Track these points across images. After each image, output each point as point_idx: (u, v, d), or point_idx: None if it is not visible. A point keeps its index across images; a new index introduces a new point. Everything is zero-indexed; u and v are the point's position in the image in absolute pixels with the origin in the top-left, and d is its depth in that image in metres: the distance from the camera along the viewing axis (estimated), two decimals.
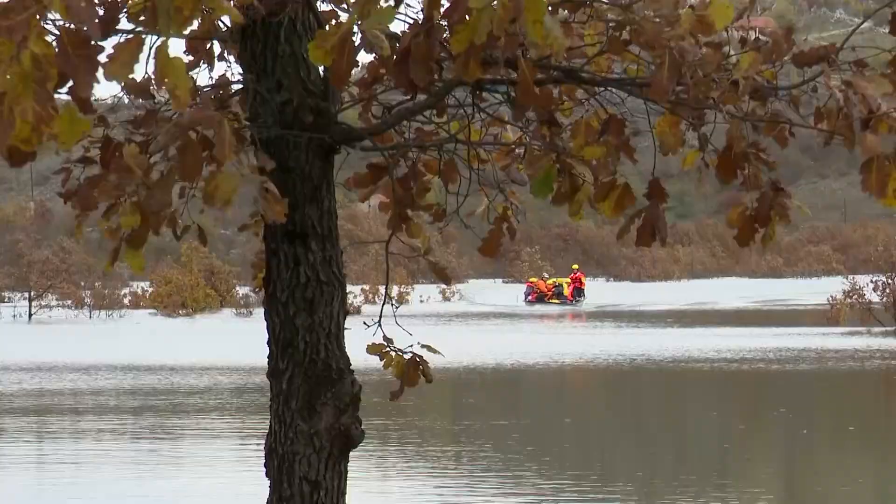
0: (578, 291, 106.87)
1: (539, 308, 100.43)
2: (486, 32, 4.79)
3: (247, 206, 6.88)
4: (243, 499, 22.76)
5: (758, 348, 63.53)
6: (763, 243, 5.87)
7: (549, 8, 5.45)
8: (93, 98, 4.25)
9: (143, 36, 4.23)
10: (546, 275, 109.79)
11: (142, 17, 4.55)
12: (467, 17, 4.83)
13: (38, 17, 3.65)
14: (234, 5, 5.74)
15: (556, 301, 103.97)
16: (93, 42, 3.82)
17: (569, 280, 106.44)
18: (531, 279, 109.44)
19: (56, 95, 3.85)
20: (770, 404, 42.12)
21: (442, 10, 5.11)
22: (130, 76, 4.54)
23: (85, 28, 3.77)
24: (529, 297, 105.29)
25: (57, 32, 3.74)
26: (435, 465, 29.92)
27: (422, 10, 5.31)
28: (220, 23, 6.03)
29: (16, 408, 41.99)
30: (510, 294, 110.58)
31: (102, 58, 3.99)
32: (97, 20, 4.03)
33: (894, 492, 27.29)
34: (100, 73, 3.96)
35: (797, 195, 5.90)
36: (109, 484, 27.66)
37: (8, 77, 3.65)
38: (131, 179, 5.44)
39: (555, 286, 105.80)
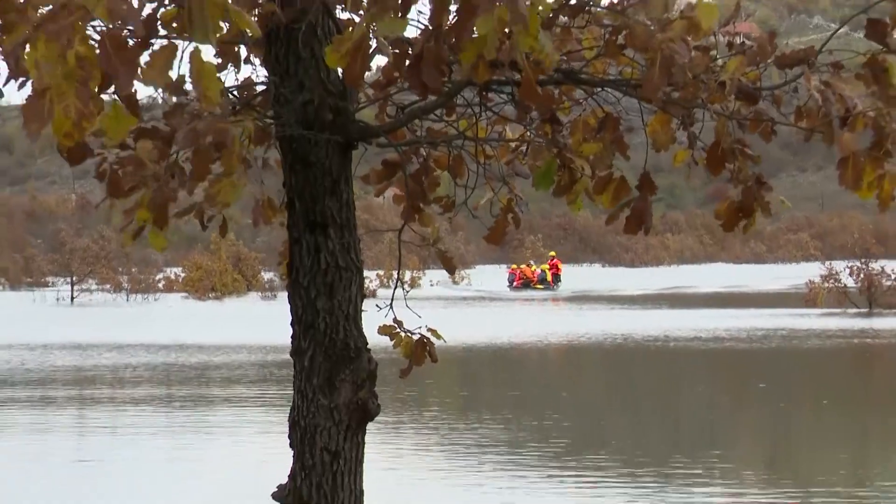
0: (556, 277, 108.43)
1: (531, 292, 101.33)
2: (494, 49, 4.81)
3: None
4: (267, 465, 22.78)
5: (740, 328, 63.56)
6: (744, 230, 5.90)
7: (551, 14, 5.45)
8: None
9: (176, 43, 4.21)
10: (532, 262, 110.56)
11: (174, 24, 4.54)
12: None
13: (81, 21, 3.63)
14: (261, 12, 5.74)
15: (541, 286, 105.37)
16: (132, 44, 3.80)
17: (547, 266, 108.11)
18: (514, 266, 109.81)
19: (104, 96, 3.85)
20: (751, 380, 42.15)
21: (450, 18, 5.10)
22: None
23: (126, 31, 3.75)
24: (515, 283, 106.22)
25: (98, 37, 3.72)
26: (444, 434, 29.98)
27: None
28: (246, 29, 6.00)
29: (59, 382, 42.11)
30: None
31: (143, 57, 3.99)
32: (140, 23, 4.03)
33: (866, 458, 27.29)
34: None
35: (778, 188, 5.90)
36: (145, 450, 27.75)
37: (53, 74, 3.63)
38: (143, 171, 5.46)
39: (539, 273, 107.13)
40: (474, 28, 4.79)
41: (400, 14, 5.24)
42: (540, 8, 5.02)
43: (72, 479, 24.85)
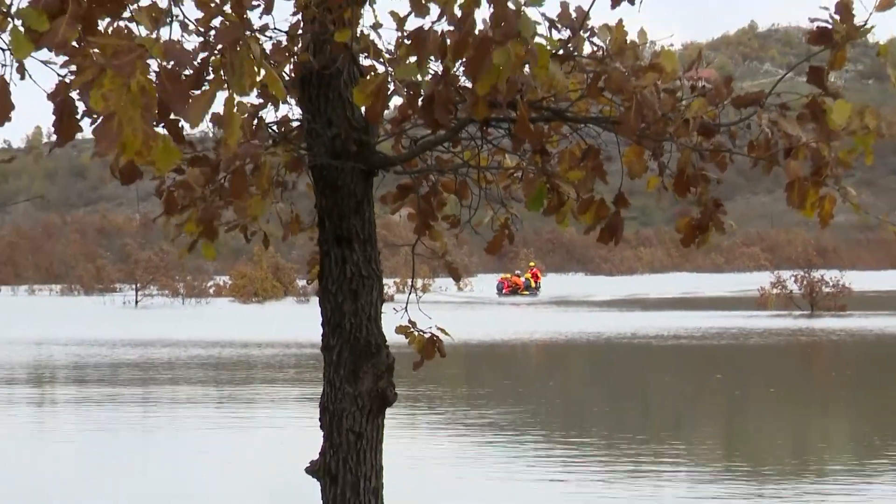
0: (537, 284, 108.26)
1: (516, 298, 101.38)
2: (505, 79, 4.82)
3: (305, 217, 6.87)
4: (300, 442, 22.75)
5: (699, 327, 63.48)
6: (698, 246, 5.89)
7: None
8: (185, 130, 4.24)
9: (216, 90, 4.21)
10: (519, 272, 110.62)
11: (210, 76, 4.55)
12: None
13: (141, 58, 3.63)
14: (297, 61, 5.75)
15: (527, 293, 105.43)
16: (185, 78, 3.80)
17: (529, 275, 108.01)
18: (503, 276, 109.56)
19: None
20: (710, 371, 42.09)
21: (460, 61, 5.10)
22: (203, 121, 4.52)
23: (178, 67, 3.76)
24: (504, 290, 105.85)
25: (157, 70, 3.73)
26: (451, 416, 29.95)
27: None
28: (283, 74, 6.01)
29: (125, 371, 42.10)
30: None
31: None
32: (192, 64, 4.03)
33: (806, 438, 27.24)
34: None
35: (734, 208, 5.91)
36: (197, 427, 27.74)
37: (119, 101, 3.63)
38: (192, 194, 5.50)
39: (525, 281, 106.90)
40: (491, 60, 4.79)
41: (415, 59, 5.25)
42: (547, 45, 5.04)
43: (137, 447, 24.87)
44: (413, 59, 5.09)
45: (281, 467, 21.58)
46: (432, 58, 5.13)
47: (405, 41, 5.26)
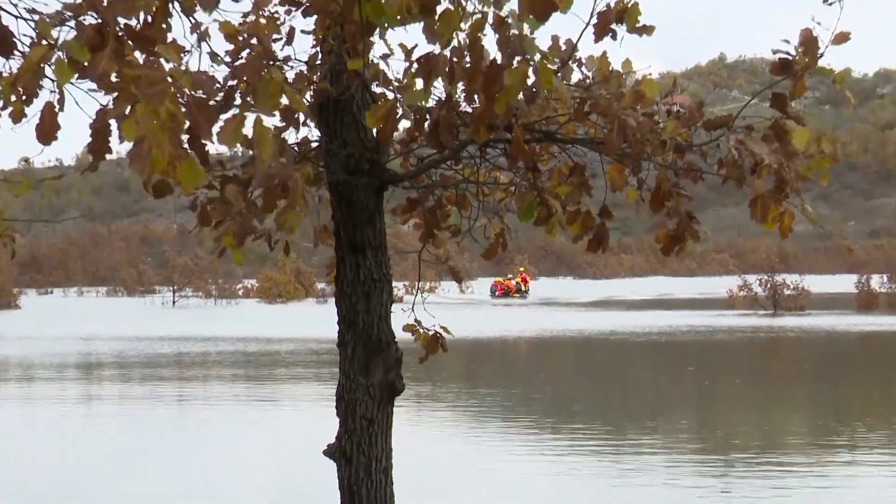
0: (526, 288, 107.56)
1: (508, 300, 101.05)
2: (516, 96, 4.83)
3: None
4: (318, 429, 22.77)
5: (673, 324, 63.46)
6: (677, 254, 5.86)
7: (533, 88, 5.46)
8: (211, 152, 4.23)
9: (245, 113, 4.20)
10: (510, 276, 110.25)
11: (238, 101, 4.54)
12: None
13: (171, 88, 3.62)
14: (316, 88, 5.73)
15: (517, 295, 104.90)
16: (212, 105, 3.79)
17: (519, 279, 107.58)
18: (496, 280, 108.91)
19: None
20: (682, 364, 42.08)
21: (461, 87, 5.09)
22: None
23: (206, 95, 3.74)
24: (497, 293, 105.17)
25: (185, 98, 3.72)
26: (452, 403, 29.95)
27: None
28: (304, 100, 5.99)
29: (163, 364, 42.10)
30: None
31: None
32: (216, 91, 4.02)
33: (767, 421, 27.20)
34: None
35: (705, 220, 5.88)
36: (227, 413, 27.76)
37: (149, 126, 3.62)
38: (231, 208, 5.48)
39: (515, 284, 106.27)
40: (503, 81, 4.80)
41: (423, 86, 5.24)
42: (548, 64, 5.05)
43: (173, 436, 24.86)
44: (420, 85, 5.08)
45: (301, 449, 21.57)
46: (437, 84, 5.12)
47: (413, 67, 5.25)
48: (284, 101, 4.19)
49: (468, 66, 4.91)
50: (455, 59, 4.93)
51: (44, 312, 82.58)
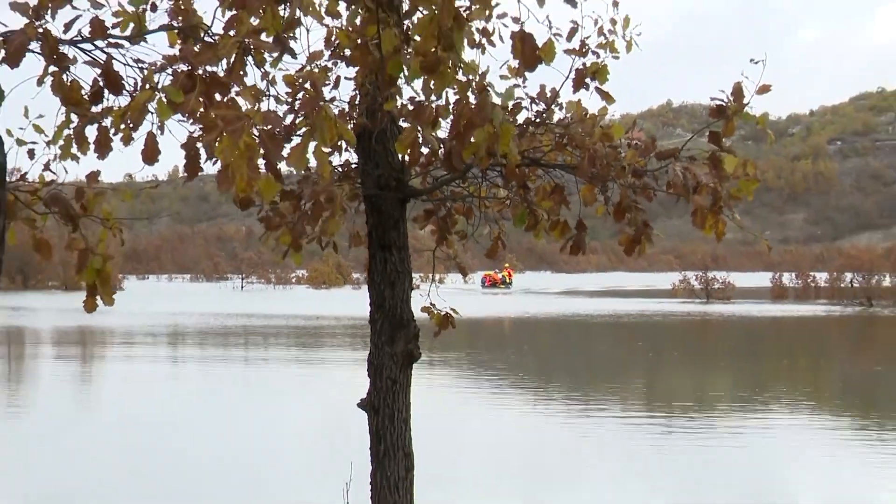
0: (510, 280, 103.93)
1: (496, 290, 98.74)
2: (483, 149, 4.79)
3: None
4: (353, 385, 22.76)
5: (627, 309, 63.38)
6: (638, 255, 5.85)
7: (525, 125, 5.45)
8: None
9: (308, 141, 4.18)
10: (497, 270, 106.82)
11: (302, 131, 4.54)
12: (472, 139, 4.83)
13: (248, 125, 3.63)
14: (356, 122, 5.72)
15: (503, 286, 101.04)
16: (278, 138, 3.79)
17: (504, 273, 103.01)
18: (486, 273, 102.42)
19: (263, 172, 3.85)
20: (633, 340, 42.02)
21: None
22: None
23: (274, 129, 3.75)
24: (486, 284, 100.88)
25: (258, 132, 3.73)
26: (456, 368, 29.95)
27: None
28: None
29: (233, 335, 42.14)
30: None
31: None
32: (282, 126, 4.03)
33: (701, 387, 27.16)
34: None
35: (657, 228, 5.84)
36: (281, 374, 27.83)
37: (231, 156, 3.64)
38: (284, 219, 5.50)
39: (501, 277, 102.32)
40: (472, 137, 4.78)
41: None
42: (510, 120, 5.03)
43: (240, 389, 24.90)
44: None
45: (339, 402, 21.57)
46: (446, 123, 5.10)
47: (409, 108, 5.25)
48: None
49: (453, 115, 4.89)
50: (451, 107, 4.92)
51: (142, 293, 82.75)
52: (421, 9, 4.31)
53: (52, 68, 3.82)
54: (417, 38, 4.32)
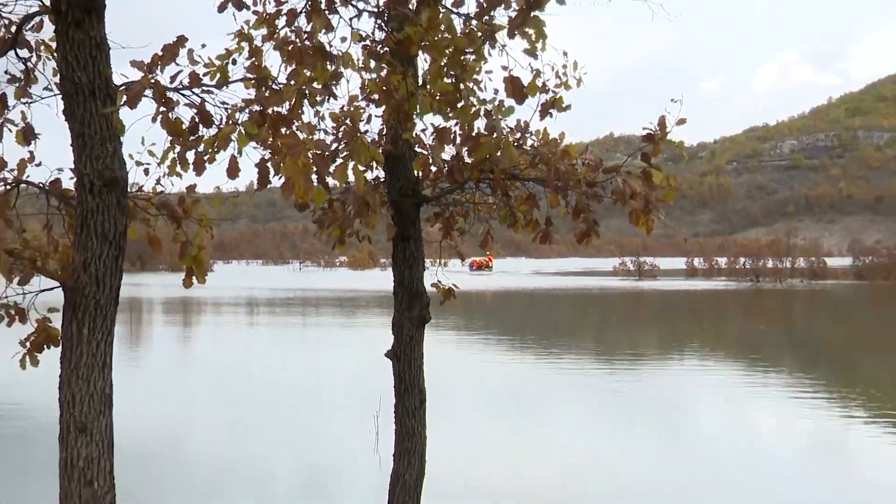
0: (491, 265, 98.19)
1: (481, 273, 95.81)
2: (487, 154, 4.77)
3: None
4: (381, 339, 22.73)
5: (580, 285, 63.18)
6: (587, 243, 5.81)
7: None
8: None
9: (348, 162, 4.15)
10: (481, 257, 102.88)
11: (344, 153, 4.50)
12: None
13: (304, 149, 3.62)
14: (383, 149, 5.68)
15: (486, 269, 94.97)
16: (326, 157, 3.76)
17: (486, 259, 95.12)
18: (473, 259, 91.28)
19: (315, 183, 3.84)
20: (585, 308, 41.92)
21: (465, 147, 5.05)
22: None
23: (323, 152, 3.72)
24: (472, 267, 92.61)
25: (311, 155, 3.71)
26: (455, 328, 29.92)
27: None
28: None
29: (293, 304, 42.11)
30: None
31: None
32: (329, 150, 4.00)
33: (638, 344, 27.13)
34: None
35: (602, 225, 5.81)
36: (326, 333, 27.79)
37: (292, 172, 3.63)
38: (335, 217, 5.46)
39: (484, 262, 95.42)
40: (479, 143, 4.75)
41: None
42: (511, 139, 5.00)
43: (297, 346, 24.89)
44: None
45: (371, 353, 21.56)
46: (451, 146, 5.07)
47: (433, 134, 5.22)
48: None
49: (461, 135, 4.85)
50: (460, 132, 4.88)
51: (227, 274, 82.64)
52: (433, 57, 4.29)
53: (161, 109, 3.86)
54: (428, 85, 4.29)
